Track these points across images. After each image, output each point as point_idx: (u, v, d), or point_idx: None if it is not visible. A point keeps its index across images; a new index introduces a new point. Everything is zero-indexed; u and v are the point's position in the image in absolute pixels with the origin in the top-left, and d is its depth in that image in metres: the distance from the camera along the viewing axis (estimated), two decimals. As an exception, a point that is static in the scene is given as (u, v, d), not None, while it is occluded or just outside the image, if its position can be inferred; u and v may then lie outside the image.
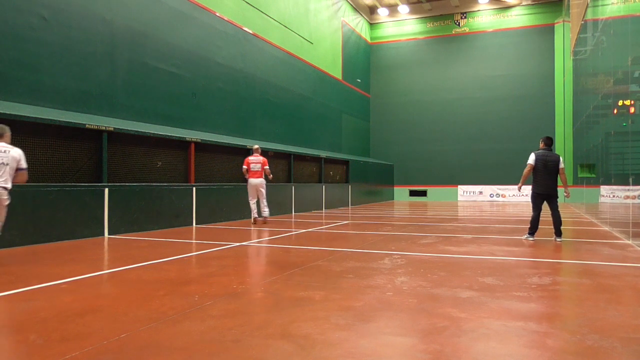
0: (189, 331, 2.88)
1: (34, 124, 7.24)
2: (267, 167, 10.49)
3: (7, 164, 5.29)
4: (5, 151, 5.31)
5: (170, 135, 9.96)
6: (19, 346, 2.64)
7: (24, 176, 5.49)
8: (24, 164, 5.42)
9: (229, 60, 13.77)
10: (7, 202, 5.33)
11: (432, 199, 25.03)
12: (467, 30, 24.93)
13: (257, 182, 10.40)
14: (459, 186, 24.52)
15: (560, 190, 7.53)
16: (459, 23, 25.08)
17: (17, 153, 5.37)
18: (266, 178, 10.59)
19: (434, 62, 25.39)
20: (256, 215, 10.62)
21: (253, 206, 10.59)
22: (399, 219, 12.61)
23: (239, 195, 12.01)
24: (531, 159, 7.37)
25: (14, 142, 7.15)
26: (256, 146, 10.85)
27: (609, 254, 6.14)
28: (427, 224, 10.70)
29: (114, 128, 8.52)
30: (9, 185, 5.32)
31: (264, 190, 10.52)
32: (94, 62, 9.46)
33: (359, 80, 20.80)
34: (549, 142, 7.50)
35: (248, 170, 10.40)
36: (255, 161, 10.44)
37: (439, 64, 25.26)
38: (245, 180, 10.63)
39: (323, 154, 17.49)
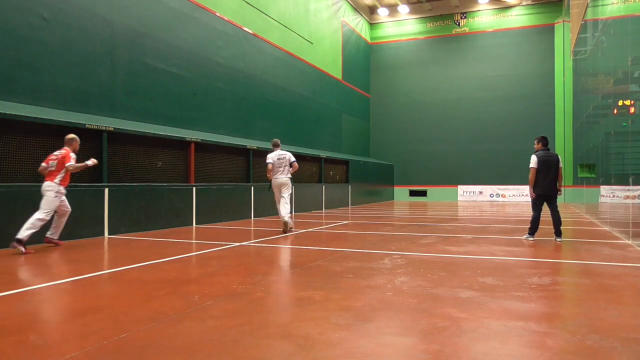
0: (189, 331, 2.88)
1: (34, 124, 7.24)
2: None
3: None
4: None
5: (170, 135, 9.96)
6: (19, 346, 2.64)
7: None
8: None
9: (229, 60, 13.77)
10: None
11: (432, 199, 25.03)
12: (467, 30, 24.93)
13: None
14: (459, 186, 24.52)
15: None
16: (459, 23, 25.08)
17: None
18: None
19: (434, 62, 25.39)
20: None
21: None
22: (399, 219, 12.61)
23: (239, 195, 12.02)
24: (533, 161, 7.36)
25: (14, 142, 7.15)
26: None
27: (609, 254, 6.14)
28: (427, 224, 10.70)
29: (114, 128, 8.52)
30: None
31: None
32: (94, 62, 9.46)
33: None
34: (546, 141, 7.50)
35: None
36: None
37: (439, 64, 25.26)
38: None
39: (323, 154, 17.48)
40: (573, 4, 18.09)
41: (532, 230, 7.53)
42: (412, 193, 25.66)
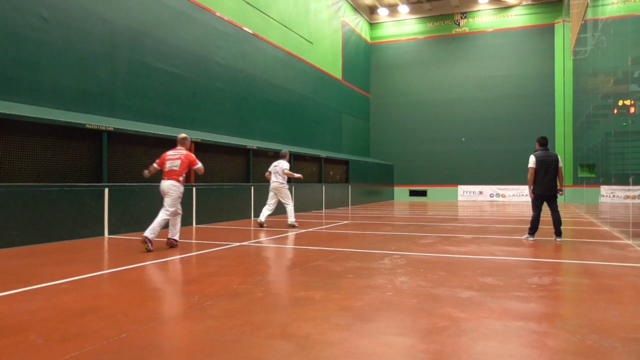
0: (189, 331, 2.88)
1: (34, 124, 7.24)
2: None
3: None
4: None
5: (170, 135, 9.95)
6: (19, 346, 2.64)
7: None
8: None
9: (229, 60, 13.77)
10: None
11: (432, 199, 25.03)
12: (467, 30, 24.93)
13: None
14: (459, 186, 24.52)
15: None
16: (459, 23, 25.08)
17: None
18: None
19: (434, 62, 25.39)
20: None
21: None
22: (399, 219, 12.61)
23: (239, 195, 12.02)
24: (532, 161, 7.36)
25: (14, 142, 7.15)
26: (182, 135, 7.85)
27: (609, 254, 6.14)
28: (427, 224, 10.70)
29: (114, 128, 8.52)
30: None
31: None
32: (94, 62, 9.46)
33: (463, 139, 20.36)
34: (545, 142, 7.51)
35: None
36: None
37: (439, 64, 25.26)
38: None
39: (323, 154, 17.48)
40: (573, 4, 18.08)
41: (532, 230, 7.53)
42: (412, 193, 25.66)
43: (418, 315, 3.23)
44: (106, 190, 8.22)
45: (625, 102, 9.84)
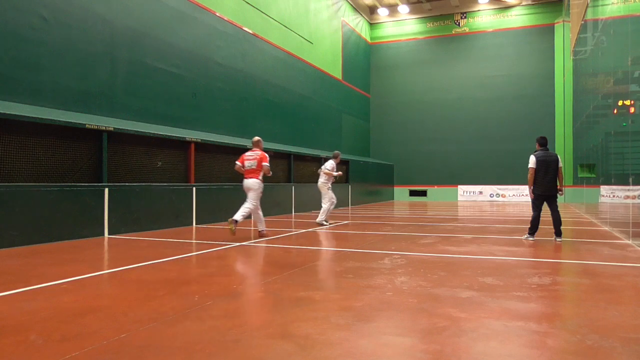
0: (189, 331, 2.88)
1: (34, 124, 7.24)
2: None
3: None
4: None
5: (170, 135, 9.96)
6: (19, 346, 2.64)
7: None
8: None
9: (229, 60, 13.77)
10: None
11: (432, 199, 25.03)
12: (467, 30, 24.93)
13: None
14: (459, 186, 24.52)
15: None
16: (459, 23, 25.08)
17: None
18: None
19: (434, 62, 25.39)
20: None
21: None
22: (399, 218, 12.61)
23: (239, 195, 12.00)
24: (532, 161, 7.36)
25: (14, 142, 7.16)
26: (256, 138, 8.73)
27: (609, 254, 6.14)
28: (427, 224, 10.70)
29: (114, 128, 8.52)
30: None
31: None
32: (94, 62, 9.46)
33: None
34: (545, 142, 7.51)
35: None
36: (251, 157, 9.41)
37: (439, 64, 25.26)
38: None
39: (323, 154, 17.48)
40: (573, 4, 18.08)
41: (532, 230, 7.53)
42: (412, 193, 25.66)
43: (418, 315, 3.23)
44: (106, 190, 8.22)
45: (625, 102, 9.84)
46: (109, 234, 8.18)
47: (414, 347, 2.64)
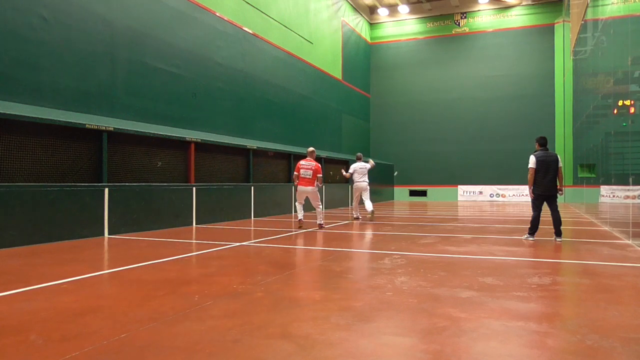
0: (189, 331, 2.88)
1: (34, 124, 7.25)
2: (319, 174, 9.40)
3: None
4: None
5: (170, 135, 9.96)
6: (19, 346, 2.64)
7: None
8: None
9: (229, 60, 13.77)
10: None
11: (432, 199, 25.02)
12: (467, 30, 24.93)
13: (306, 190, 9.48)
14: (459, 186, 24.53)
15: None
16: (459, 23, 25.08)
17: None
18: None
19: (434, 62, 25.40)
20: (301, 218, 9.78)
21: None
22: (398, 218, 12.61)
23: (239, 195, 12.01)
24: (532, 162, 7.36)
25: (14, 142, 7.16)
26: (311, 149, 9.72)
27: (609, 254, 6.14)
28: (427, 224, 10.70)
29: (114, 128, 8.52)
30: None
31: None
32: (94, 62, 9.46)
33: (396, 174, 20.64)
34: (545, 142, 7.51)
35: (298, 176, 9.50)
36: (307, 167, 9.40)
37: (439, 64, 25.27)
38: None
39: (323, 154, 17.48)
40: (573, 4, 18.08)
41: (532, 230, 7.53)
42: (412, 193, 25.66)
43: (418, 315, 3.23)
44: (106, 190, 8.22)
45: (625, 102, 9.84)
46: (109, 234, 8.18)
47: (414, 347, 2.64)
